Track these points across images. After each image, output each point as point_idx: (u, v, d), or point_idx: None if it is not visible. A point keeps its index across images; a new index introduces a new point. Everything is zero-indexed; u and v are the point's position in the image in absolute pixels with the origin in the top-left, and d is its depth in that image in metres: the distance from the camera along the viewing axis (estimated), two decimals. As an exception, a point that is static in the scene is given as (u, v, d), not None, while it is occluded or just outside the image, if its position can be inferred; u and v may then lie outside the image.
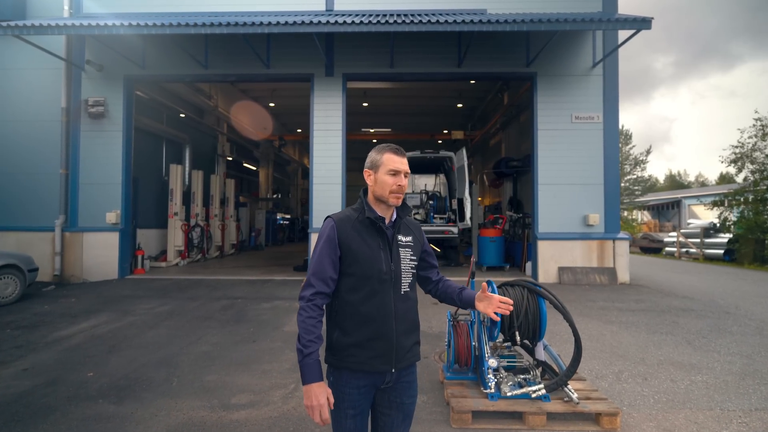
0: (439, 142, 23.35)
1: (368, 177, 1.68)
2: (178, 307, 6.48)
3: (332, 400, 1.52)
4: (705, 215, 29.48)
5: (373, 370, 1.58)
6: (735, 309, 6.63)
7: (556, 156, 8.86)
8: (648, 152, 32.19)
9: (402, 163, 1.64)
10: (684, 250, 16.84)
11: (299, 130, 23.06)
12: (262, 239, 18.56)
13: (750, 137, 13.84)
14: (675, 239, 17.39)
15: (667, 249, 18.03)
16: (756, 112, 13.54)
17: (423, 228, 3.06)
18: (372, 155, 1.69)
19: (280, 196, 25.17)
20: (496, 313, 1.66)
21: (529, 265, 9.49)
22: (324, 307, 1.60)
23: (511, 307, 1.69)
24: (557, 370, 3.29)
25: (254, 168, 21.63)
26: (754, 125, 13.85)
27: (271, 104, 19.46)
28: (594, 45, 8.89)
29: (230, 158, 17.42)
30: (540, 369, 3.26)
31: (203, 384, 3.62)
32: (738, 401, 3.35)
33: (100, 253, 8.86)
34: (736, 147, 14.14)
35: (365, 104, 18.20)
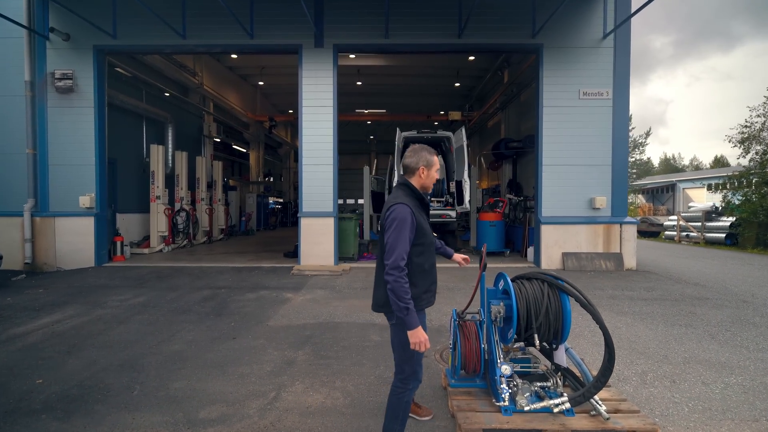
0: (435, 123, 22.65)
1: (423, 172, 2.27)
2: (155, 298, 5.95)
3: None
4: (700, 198, 29.33)
5: (430, 305, 2.31)
6: (751, 297, 6.24)
7: (561, 135, 8.31)
8: (648, 134, 31.74)
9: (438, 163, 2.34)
10: (684, 234, 16.53)
11: (290, 111, 22.24)
12: (253, 224, 17.98)
13: (758, 116, 13.35)
14: (675, 223, 17.06)
15: (667, 233, 17.71)
16: (767, 89, 13.02)
17: None
18: (426, 156, 2.27)
19: (271, 179, 24.44)
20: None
21: (530, 250, 9.05)
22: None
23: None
24: (581, 378, 2.82)
25: (244, 150, 20.83)
26: (764, 104, 13.34)
27: (260, 82, 18.62)
28: (605, 14, 8.25)
29: (218, 139, 16.66)
30: (560, 375, 2.79)
31: (169, 393, 3.12)
32: (784, 409, 2.93)
33: (74, 240, 8.26)
34: (744, 126, 13.65)
35: (359, 83, 17.41)
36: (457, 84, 17.92)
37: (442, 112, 20.04)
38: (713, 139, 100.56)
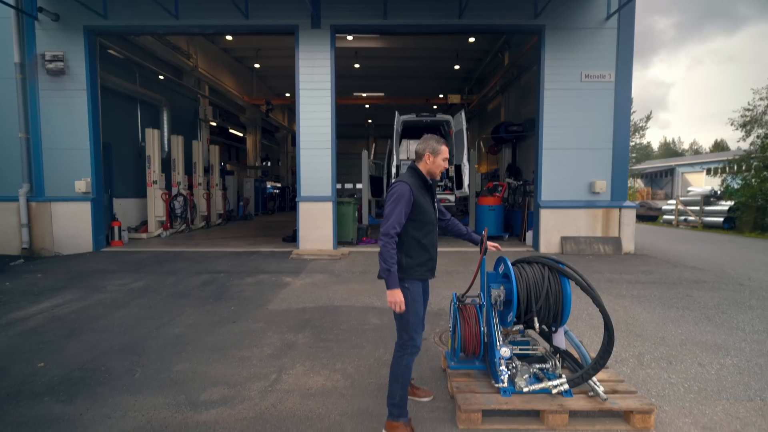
0: (434, 107, 22.41)
1: (429, 158, 2.47)
2: (154, 282, 5.96)
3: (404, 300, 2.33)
4: (698, 183, 29.33)
5: (425, 279, 2.53)
6: (748, 280, 6.29)
7: (562, 118, 8.21)
8: (648, 118, 31.50)
9: (448, 153, 2.52)
10: (682, 218, 16.58)
11: (287, 94, 21.94)
12: (251, 209, 17.92)
13: (762, 99, 13.22)
14: (673, 207, 17.09)
15: (665, 217, 17.76)
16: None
17: None
18: (433, 144, 2.47)
19: (269, 163, 24.29)
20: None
21: (529, 234, 9.07)
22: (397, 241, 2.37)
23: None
24: (579, 360, 2.85)
25: (241, 134, 20.61)
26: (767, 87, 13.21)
27: (256, 65, 18.30)
28: (609, -7, 8.04)
29: (214, 123, 16.46)
30: (558, 357, 2.81)
31: (171, 375, 3.14)
32: (778, 389, 2.97)
33: (71, 225, 8.22)
34: (747, 109, 13.53)
35: (357, 65, 17.13)
36: (457, 66, 17.65)
37: (441, 96, 19.81)
38: (713, 122, 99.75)
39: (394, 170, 10.11)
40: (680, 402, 2.80)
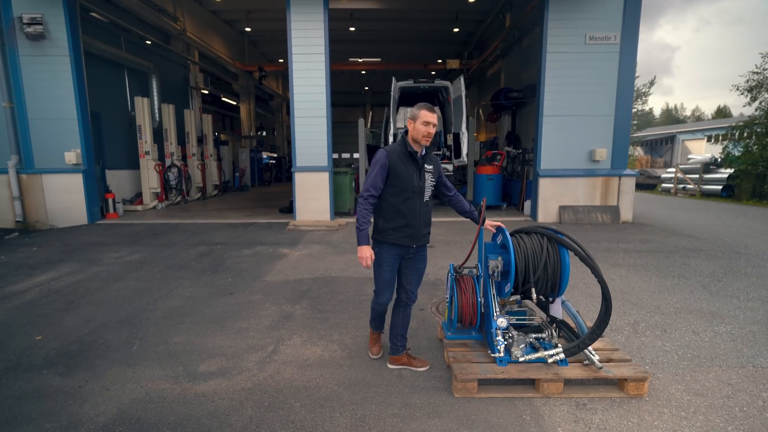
0: (432, 72, 21.72)
1: (410, 124, 2.52)
2: (151, 255, 5.93)
3: (373, 257, 2.52)
4: (699, 150, 29.03)
5: (402, 245, 2.57)
6: (744, 248, 6.31)
7: (564, 83, 7.95)
8: (652, 83, 30.76)
9: (432, 117, 2.48)
10: (681, 186, 16.51)
11: (281, 60, 21.18)
12: (247, 179, 17.75)
13: (770, 63, 12.82)
14: (672, 175, 16.99)
15: (664, 185, 17.70)
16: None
17: None
18: (413, 110, 2.50)
19: (264, 133, 23.80)
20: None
21: (527, 204, 9.02)
22: (373, 204, 2.53)
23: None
24: (576, 330, 2.86)
25: (234, 103, 20.07)
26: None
27: (248, 29, 17.51)
28: (618, -53, 7.57)
29: (206, 91, 15.97)
30: (555, 327, 2.82)
31: (169, 347, 3.15)
32: (770, 356, 3.01)
33: (64, 198, 8.09)
34: (755, 73, 13.14)
35: (352, 29, 16.41)
36: (456, 29, 16.93)
37: (440, 61, 19.13)
38: (717, 88, 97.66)
39: (391, 138, 9.90)
40: (673, 369, 2.84)
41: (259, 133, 22.36)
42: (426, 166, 2.61)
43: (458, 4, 14.35)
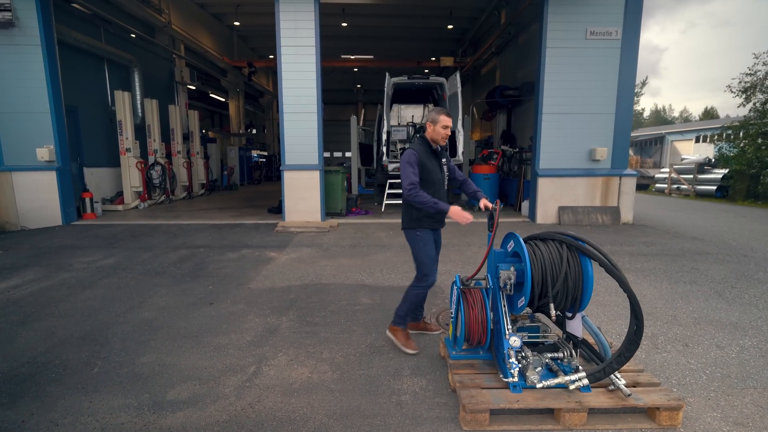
0: (426, 71, 21.42)
1: (429, 127, 2.92)
2: (126, 259, 5.50)
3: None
4: (687, 151, 29.21)
5: (434, 228, 2.99)
6: (751, 251, 6.10)
7: (564, 80, 7.68)
8: (644, 84, 30.84)
9: (450, 121, 2.90)
10: (675, 186, 16.45)
11: (271, 56, 20.66)
12: (236, 178, 17.26)
13: (765, 63, 12.75)
14: (666, 175, 16.92)
15: (658, 185, 17.63)
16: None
17: None
18: (432, 115, 2.89)
19: (254, 131, 23.28)
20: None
21: (525, 204, 8.74)
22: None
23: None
24: (597, 349, 2.54)
25: (222, 99, 19.52)
26: (769, 51, 12.71)
27: (236, 23, 17.03)
28: (620, -61, 7.32)
29: (192, 87, 15.43)
30: (571, 344, 2.50)
31: (135, 369, 2.77)
32: (806, 374, 2.73)
33: (36, 197, 7.59)
34: (748, 74, 13.08)
35: (344, 24, 16.03)
36: (450, 26, 16.64)
37: (434, 58, 18.84)
38: (704, 90, 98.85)
39: (384, 137, 9.55)
40: (704, 392, 2.54)
41: (248, 130, 21.84)
42: (443, 161, 3.02)
43: (452, 1, 14.05)
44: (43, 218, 7.66)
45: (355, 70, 23.18)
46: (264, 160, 23.03)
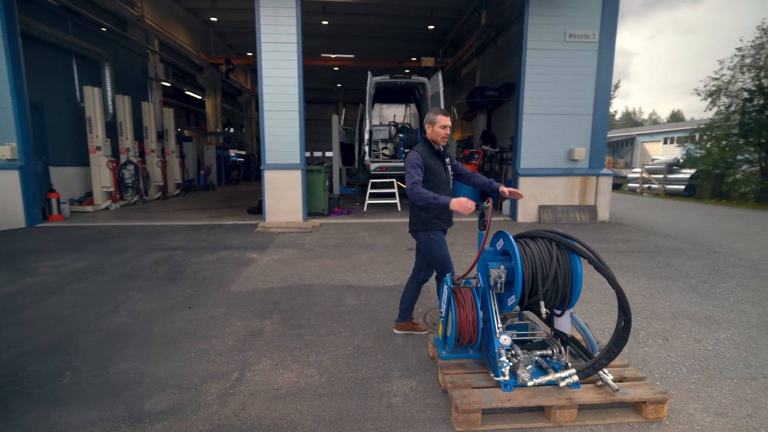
0: (407, 71, 21.46)
1: (428, 128, 2.94)
2: (97, 262, 5.24)
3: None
4: (656, 152, 30.43)
5: (443, 229, 3.00)
6: (720, 247, 6.36)
7: (545, 81, 7.82)
8: (616, 87, 31.87)
9: (448, 121, 2.92)
10: (646, 186, 17.06)
11: (249, 54, 20.24)
12: (213, 178, 16.82)
13: (729, 68, 13.39)
14: (638, 175, 17.53)
15: (630, 185, 18.25)
16: (740, 40, 13.01)
17: (391, 164, 9.29)
18: (430, 116, 2.93)
19: (231, 129, 22.78)
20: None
21: (506, 203, 8.85)
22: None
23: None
24: (585, 345, 2.57)
25: (199, 97, 19.01)
26: (733, 57, 13.35)
27: (213, 18, 16.59)
28: (596, -56, 7.51)
29: (167, 84, 14.94)
30: (559, 342, 2.51)
31: (109, 379, 2.61)
32: (778, 365, 2.84)
33: (-3, 197, 7.15)
34: (714, 78, 13.69)
35: (325, 22, 15.87)
36: (431, 26, 16.73)
37: (414, 58, 18.89)
38: (671, 93, 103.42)
39: (366, 136, 9.49)
40: (685, 384, 2.60)
41: (226, 129, 21.35)
42: (447, 160, 3.02)
43: (433, 1, 14.12)
44: (4, 220, 7.22)
45: (336, 69, 23.01)
46: (242, 159, 22.56)
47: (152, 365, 2.78)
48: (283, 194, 7.79)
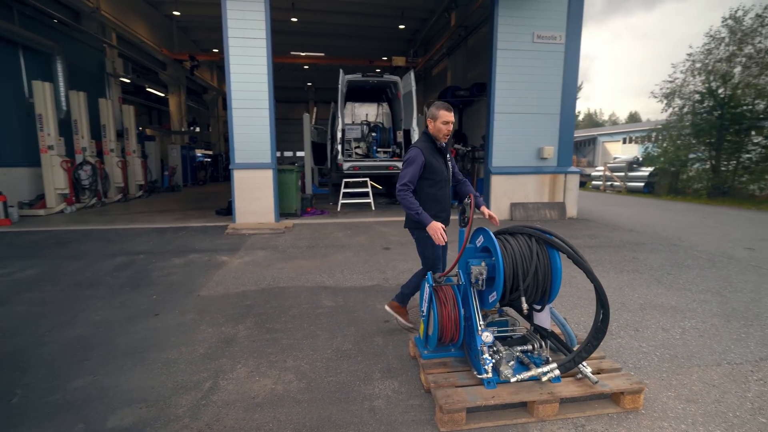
0: (378, 70, 21.44)
1: (430, 123, 2.85)
2: (51, 269, 4.87)
3: (443, 230, 2.66)
4: (616, 151, 31.99)
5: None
6: (679, 241, 6.70)
7: (515, 81, 7.98)
8: (579, 88, 33.20)
9: (451, 116, 2.83)
10: (609, 183, 17.83)
11: (215, 50, 19.57)
12: (179, 179, 16.14)
13: (682, 72, 14.20)
14: (602, 173, 18.30)
15: (594, 182, 19.02)
16: (690, 47, 13.80)
17: (365, 163, 9.44)
18: (432, 110, 2.82)
19: (198, 129, 21.98)
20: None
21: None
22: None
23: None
24: (564, 339, 2.60)
25: (162, 95, 18.21)
26: (685, 61, 14.17)
27: (176, 12, 15.94)
28: (562, -51, 7.74)
29: (126, 80, 14.20)
30: (538, 337, 2.53)
31: (66, 396, 2.40)
32: (739, 351, 3.00)
33: (-67, 201, 6.52)
34: (668, 82, 14.49)
35: (294, 19, 15.59)
36: (402, 26, 16.77)
37: (385, 58, 18.90)
38: (629, 95, 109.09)
39: (339, 134, 9.36)
40: (657, 373, 2.69)
41: (191, 128, 20.56)
42: (448, 156, 2.97)
43: (404, 1, 14.16)
44: (-57, 226, 6.60)
45: (306, 67, 22.66)
46: (209, 160, 21.80)
47: (115, 378, 2.58)
48: (254, 194, 7.55)
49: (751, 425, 2.17)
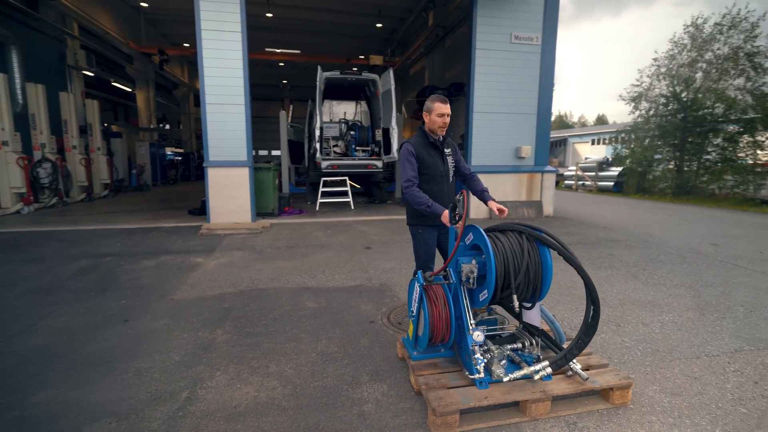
0: (355, 69, 21.29)
1: (425, 117, 2.78)
2: (6, 274, 4.51)
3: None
4: (585, 152, 33.16)
5: (436, 225, 2.81)
6: (651, 237, 6.94)
7: (493, 81, 8.06)
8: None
9: (447, 108, 2.73)
10: (580, 182, 18.39)
11: (186, 45, 18.90)
12: (147, 178, 15.47)
13: (648, 76, 14.80)
14: (574, 173, 18.85)
15: (566, 182, 19.57)
16: (655, 52, 14.40)
17: (343, 162, 9.39)
18: (427, 104, 2.74)
19: (167, 126, 21.16)
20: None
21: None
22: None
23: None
24: (553, 336, 2.59)
25: (129, 90, 17.41)
26: (650, 66, 14.76)
27: (143, 4, 15.28)
28: (538, -49, 7.87)
29: (90, 73, 13.48)
30: (527, 334, 2.52)
31: (25, 412, 2.19)
32: (715, 343, 3.09)
33: None
34: (635, 86, 15.08)
35: (269, 15, 15.24)
36: (379, 25, 16.72)
37: (363, 56, 18.78)
38: (597, 98, 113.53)
39: (317, 133, 9.19)
40: (641, 367, 2.73)
41: (161, 125, 19.76)
42: (446, 150, 2.85)
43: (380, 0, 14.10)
44: None
45: (281, 64, 22.24)
46: (181, 158, 21.04)
47: (81, 391, 2.38)
48: (230, 193, 7.29)
49: (734, 416, 2.22)
